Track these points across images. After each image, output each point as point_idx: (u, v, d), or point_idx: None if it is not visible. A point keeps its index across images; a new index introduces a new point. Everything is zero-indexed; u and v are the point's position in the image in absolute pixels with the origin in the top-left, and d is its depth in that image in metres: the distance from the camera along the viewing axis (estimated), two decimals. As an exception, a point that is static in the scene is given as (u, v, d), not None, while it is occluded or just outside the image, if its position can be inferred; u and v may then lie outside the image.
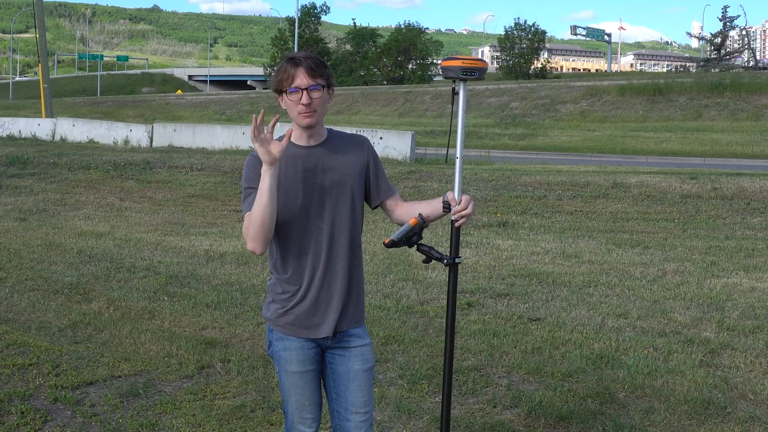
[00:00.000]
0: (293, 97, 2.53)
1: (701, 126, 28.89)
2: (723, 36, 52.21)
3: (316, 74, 2.52)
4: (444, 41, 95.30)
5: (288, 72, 2.53)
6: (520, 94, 37.27)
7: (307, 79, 2.51)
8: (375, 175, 2.72)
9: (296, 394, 2.65)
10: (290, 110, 2.57)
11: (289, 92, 2.53)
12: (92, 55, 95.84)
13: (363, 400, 2.65)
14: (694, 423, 4.07)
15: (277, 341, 2.65)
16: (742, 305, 6.41)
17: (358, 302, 2.70)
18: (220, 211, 12.56)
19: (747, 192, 12.20)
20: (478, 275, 7.51)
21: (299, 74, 2.51)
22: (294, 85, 2.52)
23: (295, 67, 2.52)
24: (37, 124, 23.79)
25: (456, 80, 2.71)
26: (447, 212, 2.67)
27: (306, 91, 2.51)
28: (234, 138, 20.48)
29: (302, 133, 2.61)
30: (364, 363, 2.67)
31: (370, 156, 2.70)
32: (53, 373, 4.66)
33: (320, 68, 2.54)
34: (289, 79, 2.52)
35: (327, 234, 2.59)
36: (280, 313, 2.63)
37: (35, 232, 9.87)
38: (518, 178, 13.62)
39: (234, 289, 6.83)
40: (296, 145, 2.61)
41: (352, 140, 2.71)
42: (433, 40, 65.75)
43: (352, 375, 2.65)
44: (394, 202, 2.75)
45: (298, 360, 2.62)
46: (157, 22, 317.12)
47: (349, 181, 2.63)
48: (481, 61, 2.72)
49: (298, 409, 2.67)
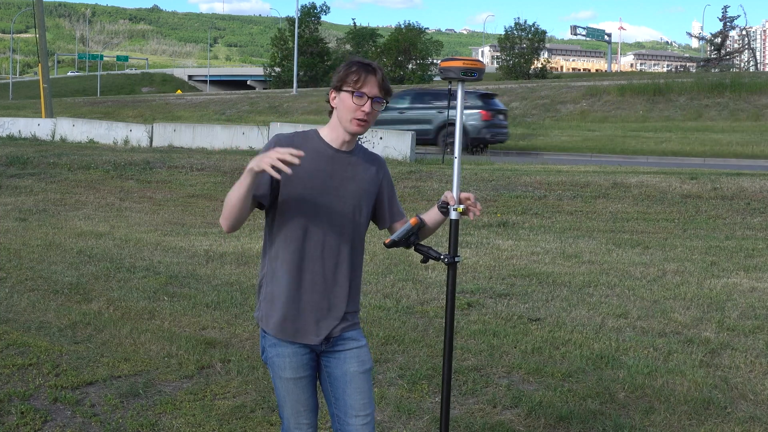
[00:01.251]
0: (357, 101, 2.49)
1: (701, 126, 28.88)
2: (723, 36, 52.24)
3: (384, 88, 2.52)
4: (444, 41, 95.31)
5: (360, 75, 2.49)
6: (520, 94, 37.26)
7: (376, 90, 2.50)
8: (389, 198, 2.71)
9: (291, 401, 2.62)
10: (344, 112, 2.52)
11: (355, 95, 2.48)
12: (92, 55, 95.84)
13: (362, 403, 2.61)
14: (694, 423, 4.07)
15: (270, 347, 2.60)
16: (742, 305, 6.41)
17: (356, 308, 2.69)
18: (220, 211, 12.49)
19: (747, 192, 12.19)
20: (478, 275, 7.51)
21: (371, 82, 2.49)
22: (363, 90, 2.48)
23: (370, 74, 2.50)
24: (37, 124, 23.77)
25: (453, 81, 2.71)
26: (445, 213, 2.67)
27: (372, 100, 2.49)
28: (234, 138, 20.47)
29: (341, 136, 2.57)
30: (361, 365, 2.63)
31: (385, 177, 2.70)
32: (53, 373, 4.65)
33: (388, 83, 2.54)
34: (360, 82, 2.48)
35: (334, 240, 2.56)
36: (273, 317, 2.58)
37: (35, 232, 9.87)
38: (518, 178, 13.62)
39: (234, 289, 6.83)
40: (327, 143, 2.58)
41: (373, 158, 2.70)
42: (433, 40, 65.82)
43: (349, 377, 2.61)
44: (400, 224, 2.75)
45: (292, 366, 2.58)
46: (157, 22, 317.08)
47: (363, 195, 2.61)
48: (479, 62, 2.73)
49: (293, 415, 2.63)
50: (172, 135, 21.28)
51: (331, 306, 2.59)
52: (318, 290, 2.56)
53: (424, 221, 2.65)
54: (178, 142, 20.93)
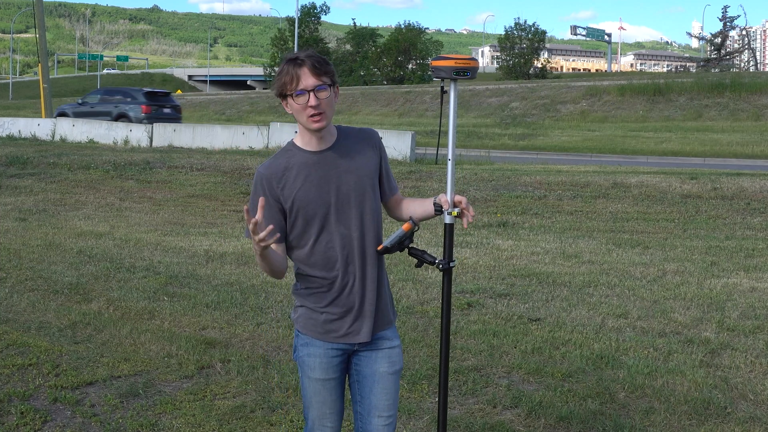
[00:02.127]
0: (300, 101, 2.38)
1: (701, 126, 28.90)
2: (723, 36, 52.27)
3: (321, 72, 2.38)
4: (444, 41, 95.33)
5: (291, 74, 2.38)
6: (520, 94, 37.28)
7: (312, 79, 2.37)
8: (386, 173, 2.63)
9: (318, 402, 2.58)
10: (298, 115, 2.42)
11: (295, 95, 2.38)
12: (92, 55, 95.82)
13: (387, 404, 2.57)
14: (694, 423, 4.07)
15: (302, 346, 2.57)
16: (742, 305, 6.41)
17: (389, 304, 2.63)
18: (220, 211, 12.55)
19: (747, 192, 12.19)
20: (478, 275, 7.51)
21: (304, 75, 2.37)
22: (300, 87, 2.37)
23: (299, 68, 2.38)
24: (36, 124, 23.77)
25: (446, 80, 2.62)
26: (439, 214, 2.64)
27: (313, 92, 2.37)
28: (234, 138, 20.48)
29: (312, 136, 2.48)
30: (391, 366, 2.59)
31: (380, 152, 2.61)
32: (53, 373, 4.65)
33: (324, 65, 2.40)
34: (294, 81, 2.38)
35: (357, 240, 2.50)
36: (310, 321, 2.55)
37: (35, 232, 9.86)
38: (518, 178, 13.62)
39: (234, 289, 6.83)
40: (306, 150, 2.49)
41: (362, 136, 2.58)
42: (433, 40, 65.88)
43: (378, 377, 2.57)
44: (395, 199, 2.69)
45: (322, 367, 2.55)
46: (156, 22, 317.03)
47: (367, 182, 2.52)
48: (473, 60, 2.63)
49: (318, 417, 2.60)
50: (172, 135, 21.29)
51: (367, 306, 2.54)
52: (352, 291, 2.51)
53: (417, 225, 2.59)
54: (178, 142, 20.94)
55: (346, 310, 2.52)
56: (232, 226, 10.84)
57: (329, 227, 2.48)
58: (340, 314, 2.52)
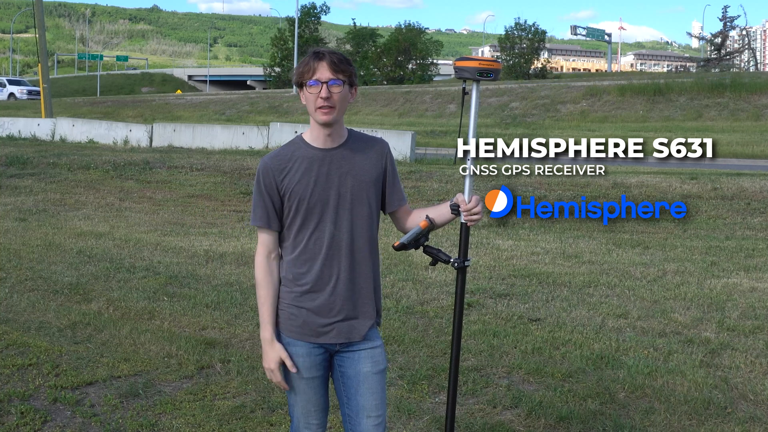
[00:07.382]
0: (312, 90, 2.46)
1: (701, 126, 28.87)
2: (723, 36, 52.24)
3: (338, 69, 2.46)
4: (444, 41, 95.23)
5: (310, 65, 2.46)
6: (520, 94, 37.26)
7: (328, 73, 2.45)
8: (391, 183, 2.66)
9: (302, 400, 2.61)
10: (309, 105, 2.49)
11: (308, 85, 2.46)
12: (92, 55, 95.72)
13: (374, 404, 2.59)
14: (694, 423, 4.07)
15: (285, 346, 2.59)
16: (742, 305, 6.41)
17: (373, 308, 2.65)
18: (219, 211, 12.55)
19: (747, 192, 12.20)
20: (478, 275, 7.50)
21: (321, 67, 2.45)
22: (314, 77, 2.45)
23: (318, 61, 2.46)
24: (36, 124, 23.76)
25: (468, 80, 2.66)
26: (456, 215, 2.65)
27: (326, 84, 2.44)
28: (234, 138, 20.47)
29: (320, 132, 2.53)
30: (375, 365, 2.61)
31: (387, 162, 2.63)
32: (53, 373, 4.65)
33: (343, 64, 2.48)
34: (310, 72, 2.46)
35: (346, 242, 2.53)
36: (293, 319, 2.57)
37: (35, 232, 9.86)
38: (518, 178, 13.60)
39: (234, 289, 6.83)
40: (313, 146, 2.53)
41: (372, 143, 2.62)
42: (433, 40, 65.73)
43: (362, 377, 2.59)
44: (404, 211, 2.71)
45: (305, 366, 2.57)
46: (156, 22, 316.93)
47: (366, 187, 2.55)
48: (497, 62, 2.67)
49: (304, 414, 2.63)
50: (172, 135, 21.28)
51: (356, 306, 2.57)
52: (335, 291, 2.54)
53: (434, 222, 2.63)
54: (177, 142, 20.94)
55: (327, 311, 2.55)
56: (232, 226, 10.84)
57: (322, 225, 2.52)
58: (319, 313, 2.55)
